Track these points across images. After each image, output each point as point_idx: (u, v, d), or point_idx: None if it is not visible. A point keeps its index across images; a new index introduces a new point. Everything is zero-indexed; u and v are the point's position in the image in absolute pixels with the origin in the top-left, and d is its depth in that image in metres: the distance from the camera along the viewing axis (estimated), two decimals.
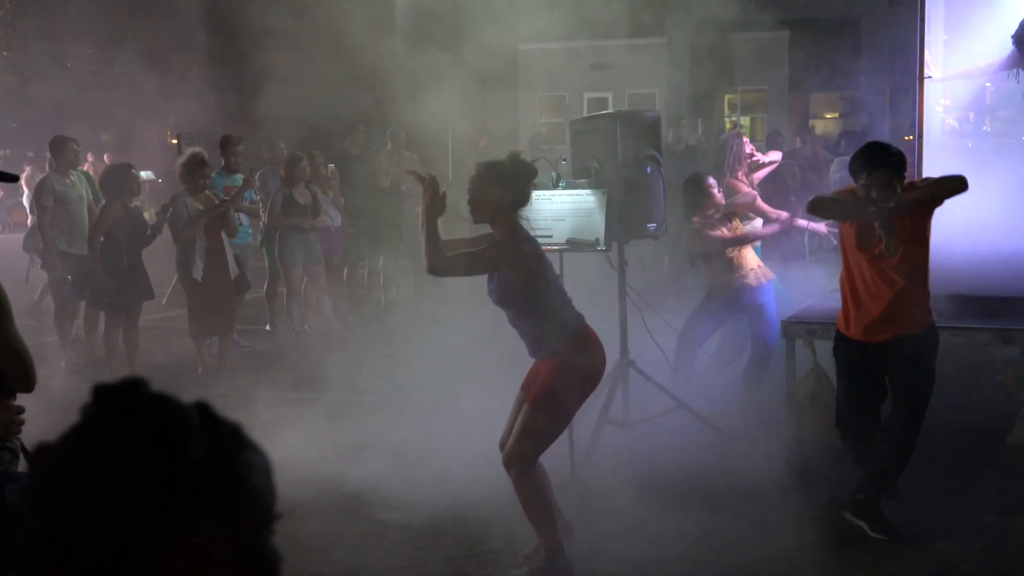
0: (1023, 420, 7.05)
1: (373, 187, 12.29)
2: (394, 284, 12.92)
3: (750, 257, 7.98)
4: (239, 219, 10.30)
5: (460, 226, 7.47)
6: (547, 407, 4.93)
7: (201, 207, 9.25)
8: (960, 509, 6.07)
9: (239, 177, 11.04)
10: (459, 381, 7.92)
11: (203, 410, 1.39)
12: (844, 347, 5.67)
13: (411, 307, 11.83)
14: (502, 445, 5.15)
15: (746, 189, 8.21)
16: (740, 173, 8.33)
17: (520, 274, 4.93)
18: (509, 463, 4.99)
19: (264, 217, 11.31)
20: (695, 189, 7.94)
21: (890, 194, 5.22)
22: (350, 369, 8.69)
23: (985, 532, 5.70)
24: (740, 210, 7.97)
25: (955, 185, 5.42)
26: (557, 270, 6.97)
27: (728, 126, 29.47)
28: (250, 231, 11.69)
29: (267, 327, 11.66)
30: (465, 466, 6.29)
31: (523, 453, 4.95)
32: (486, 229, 5.16)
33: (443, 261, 4.91)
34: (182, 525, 1.31)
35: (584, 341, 5.00)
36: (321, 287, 11.50)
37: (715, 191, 7.90)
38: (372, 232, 12.33)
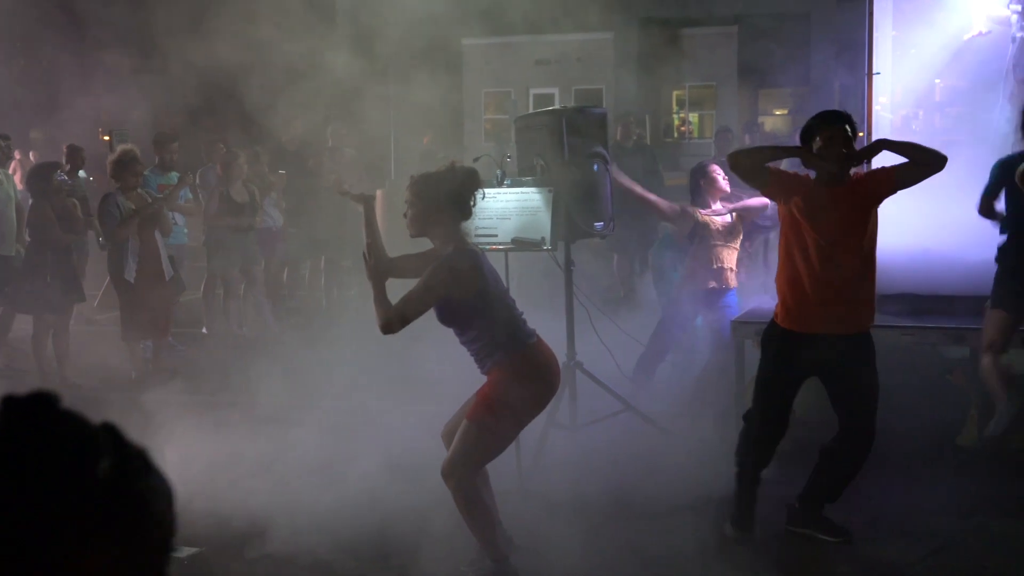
0: (973, 420, 6.99)
1: (314, 185, 12.04)
2: (336, 285, 12.68)
3: (733, 257, 7.88)
4: (174, 218, 10.04)
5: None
6: (483, 422, 4.76)
7: (134, 206, 8.96)
8: (912, 510, 6.06)
9: (174, 175, 10.78)
10: (391, 389, 7.72)
11: (110, 431, 1.35)
12: (779, 339, 5.40)
13: (353, 309, 11.60)
14: (446, 439, 5.05)
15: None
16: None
17: (459, 292, 4.73)
18: (446, 476, 4.85)
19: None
20: (699, 176, 7.89)
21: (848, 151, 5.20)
22: (284, 376, 8.42)
23: (937, 533, 5.68)
24: (748, 214, 7.84)
25: (933, 157, 5.26)
26: (503, 269, 6.85)
27: (676, 122, 29.55)
28: (185, 231, 11.44)
29: (204, 330, 11.38)
30: (393, 479, 6.17)
31: (458, 466, 4.80)
32: None
33: (394, 317, 4.71)
34: (82, 546, 1.28)
35: (528, 358, 4.80)
36: (260, 289, 11.26)
37: (719, 178, 7.82)
38: (313, 232, 12.08)
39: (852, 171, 5.35)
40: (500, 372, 4.78)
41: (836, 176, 5.22)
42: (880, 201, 5.33)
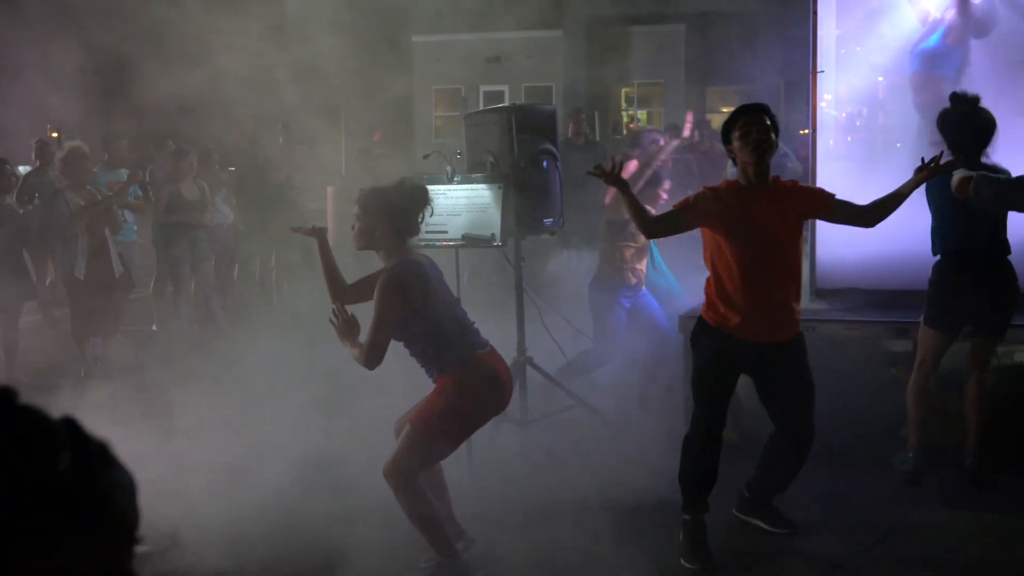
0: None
1: (265, 182, 12.01)
2: (287, 282, 12.65)
3: (646, 259, 7.91)
4: (124, 216, 9.98)
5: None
6: (423, 428, 4.81)
7: (83, 203, 8.91)
8: (855, 502, 6.14)
9: (123, 172, 10.71)
10: (341, 385, 7.70)
11: (70, 426, 1.33)
12: (708, 335, 5.30)
13: (303, 305, 11.57)
14: (397, 432, 5.07)
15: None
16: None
17: (403, 305, 4.77)
18: (387, 476, 4.88)
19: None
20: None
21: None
22: (232, 375, 8.37)
23: (880, 524, 5.76)
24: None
25: (878, 221, 5.46)
26: (453, 265, 6.89)
27: (625, 119, 29.67)
28: (135, 228, 11.36)
29: (154, 327, 11.31)
30: (343, 476, 6.18)
31: (399, 469, 4.83)
32: None
33: (369, 352, 4.73)
34: (45, 542, 1.26)
35: (473, 368, 4.81)
36: (210, 286, 11.21)
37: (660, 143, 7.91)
38: (264, 228, 12.04)
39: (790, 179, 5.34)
40: (445, 381, 4.82)
41: (755, 167, 5.12)
42: (807, 219, 5.34)
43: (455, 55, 30.00)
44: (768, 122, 5.13)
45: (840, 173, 7.86)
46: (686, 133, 8.14)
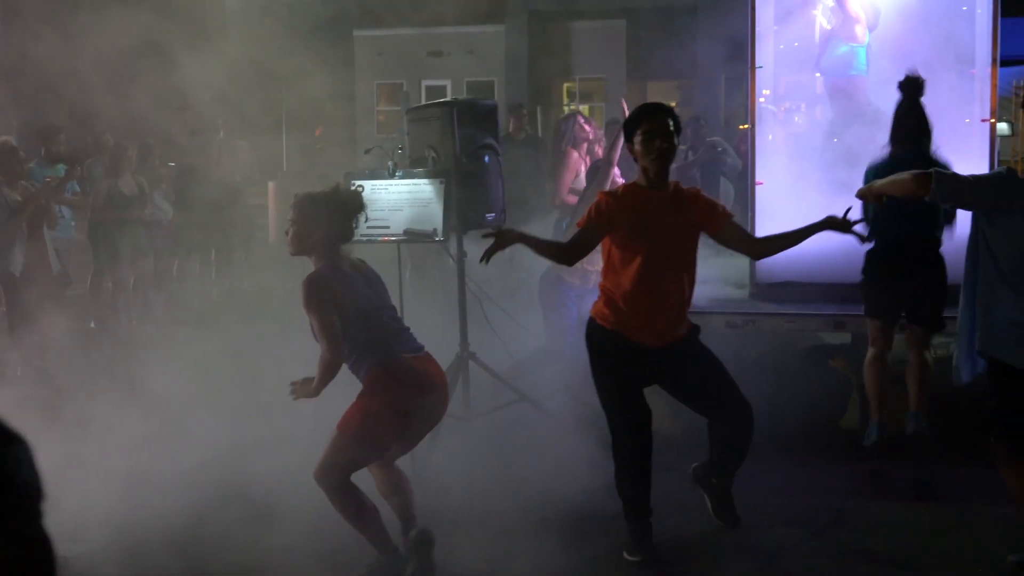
0: (855, 404, 7.19)
1: (205, 177, 11.90)
2: (227, 277, 12.55)
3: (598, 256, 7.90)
4: (60, 211, 9.85)
5: None
6: (345, 432, 4.81)
7: (20, 198, 8.77)
8: (797, 492, 6.21)
9: (61, 167, 10.57)
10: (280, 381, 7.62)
11: None
12: (613, 342, 5.18)
13: (243, 301, 11.51)
14: None
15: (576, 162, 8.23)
16: (579, 151, 8.35)
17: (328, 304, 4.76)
18: (317, 479, 4.89)
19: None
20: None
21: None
22: (168, 371, 8.26)
23: (821, 513, 5.82)
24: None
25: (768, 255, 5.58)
26: (395, 261, 6.88)
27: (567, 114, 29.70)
28: (72, 224, 11.22)
29: (92, 324, 11.17)
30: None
31: (327, 472, 4.85)
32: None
33: (328, 354, 4.70)
34: None
35: (395, 373, 4.78)
36: (149, 282, 11.09)
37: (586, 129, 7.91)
38: (204, 224, 11.94)
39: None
40: (367, 384, 4.83)
41: (656, 172, 5.11)
42: (701, 230, 5.25)
43: (397, 50, 29.93)
44: (671, 126, 5.10)
45: (779, 167, 7.94)
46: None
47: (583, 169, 8.61)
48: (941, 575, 5.10)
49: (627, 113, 7.58)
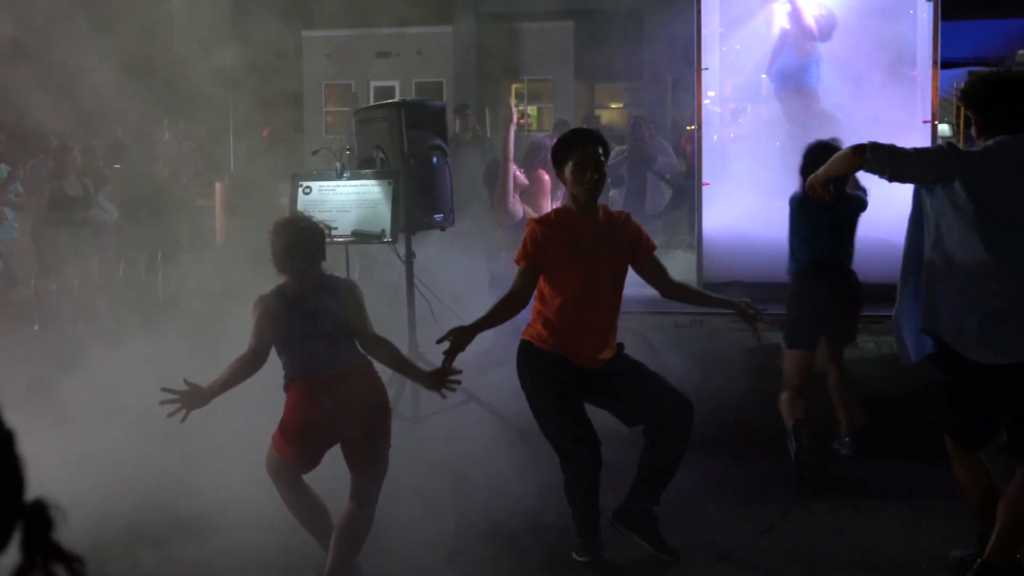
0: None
1: (151, 178, 11.81)
2: (173, 280, 12.44)
3: None
4: (4, 212, 9.74)
5: None
6: (273, 441, 4.91)
7: None
8: (742, 493, 6.23)
9: (3, 168, 10.44)
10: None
11: None
12: (553, 363, 5.10)
13: (190, 303, 11.39)
14: None
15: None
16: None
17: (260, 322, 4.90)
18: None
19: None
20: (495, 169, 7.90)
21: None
22: (114, 373, 8.17)
23: (767, 514, 5.83)
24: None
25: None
26: (343, 262, 6.86)
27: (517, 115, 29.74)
28: (15, 225, 11.09)
29: (36, 327, 11.04)
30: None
31: (268, 468, 4.96)
32: None
33: (250, 353, 4.84)
34: None
35: (303, 388, 4.81)
36: (94, 284, 10.99)
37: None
38: (150, 226, 11.83)
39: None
40: (287, 397, 4.90)
41: (587, 203, 5.08)
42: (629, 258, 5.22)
43: (345, 50, 29.84)
44: (602, 155, 5.08)
45: (725, 167, 8.02)
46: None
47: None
48: (887, 573, 5.14)
49: (515, 111, 7.62)
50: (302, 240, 4.95)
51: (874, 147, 4.55)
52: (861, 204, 6.54)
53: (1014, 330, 4.41)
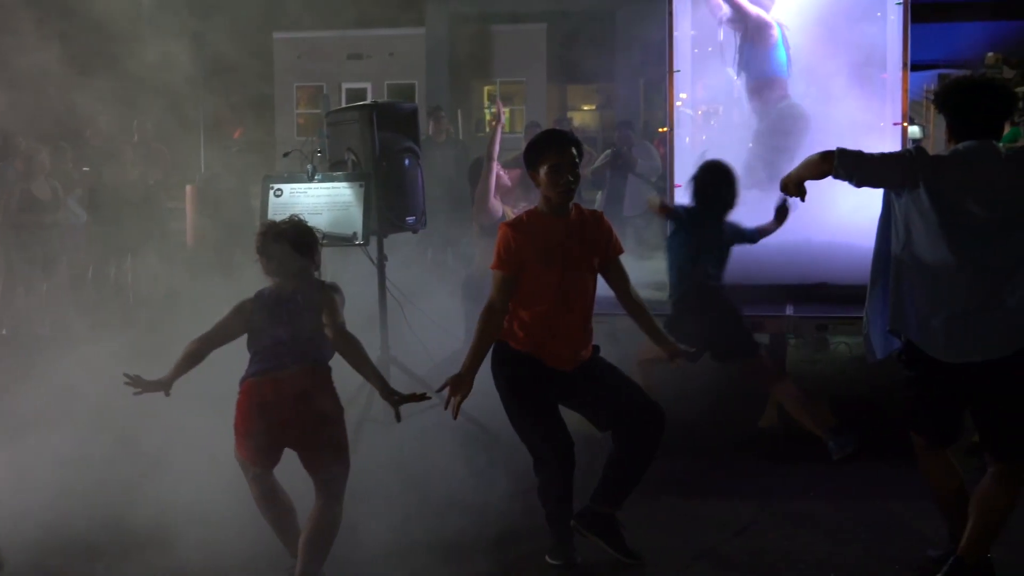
0: (773, 403, 7.27)
1: (120, 180, 11.72)
2: (142, 283, 12.35)
3: None
4: None
5: None
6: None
7: None
8: (716, 493, 6.24)
9: None
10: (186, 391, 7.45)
11: None
12: (528, 365, 5.10)
13: (160, 307, 11.32)
14: None
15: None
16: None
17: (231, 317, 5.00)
18: None
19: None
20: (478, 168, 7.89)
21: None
22: (79, 378, 8.08)
23: (741, 515, 5.86)
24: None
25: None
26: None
27: (488, 117, 29.80)
28: None
29: (3, 331, 10.94)
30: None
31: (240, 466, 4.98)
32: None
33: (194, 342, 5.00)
34: None
35: (250, 387, 4.84)
36: (64, 287, 10.90)
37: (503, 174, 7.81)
38: (120, 228, 11.74)
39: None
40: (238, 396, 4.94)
41: (560, 205, 5.07)
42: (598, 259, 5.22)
43: (317, 52, 29.79)
44: (576, 157, 5.07)
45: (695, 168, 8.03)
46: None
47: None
48: (861, 573, 5.16)
49: (502, 111, 7.60)
50: (288, 244, 4.94)
51: (841, 153, 4.59)
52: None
53: (978, 330, 4.47)
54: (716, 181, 6.73)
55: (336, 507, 4.86)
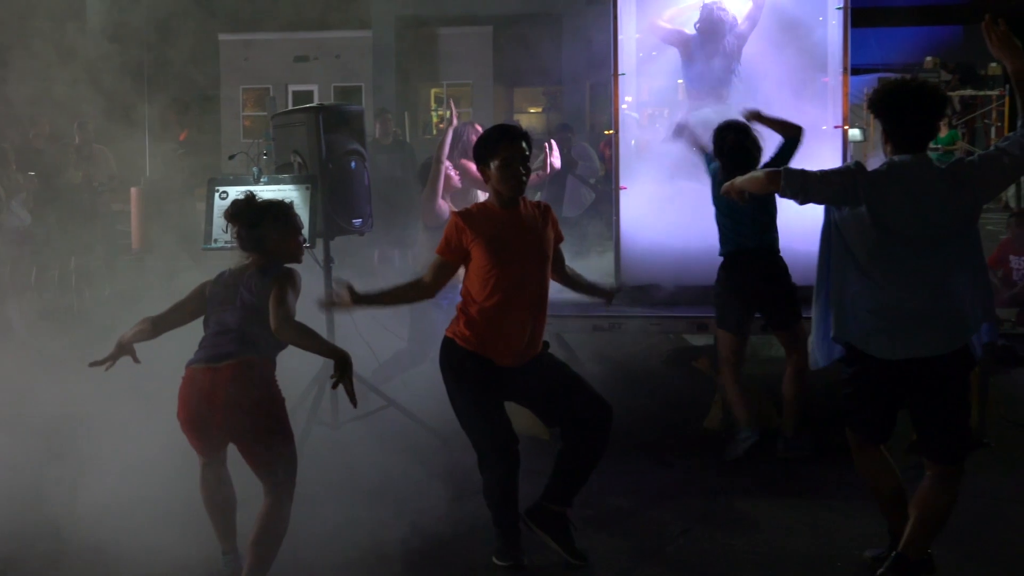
0: (718, 404, 7.35)
1: (63, 183, 11.61)
2: (87, 287, 12.23)
3: None
4: None
5: None
6: None
7: None
8: (662, 493, 6.28)
9: None
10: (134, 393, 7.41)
11: None
12: (472, 361, 5.10)
13: (105, 311, 11.21)
14: None
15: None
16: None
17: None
18: None
19: None
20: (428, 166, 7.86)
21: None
22: (20, 384, 7.99)
23: (686, 514, 5.91)
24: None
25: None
26: None
27: (435, 119, 29.80)
28: None
29: None
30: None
31: None
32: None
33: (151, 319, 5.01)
34: None
35: (187, 376, 4.82)
36: (6, 292, 10.76)
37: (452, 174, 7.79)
38: (63, 231, 11.63)
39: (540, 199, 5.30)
40: None
41: (511, 196, 5.09)
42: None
43: (263, 54, 29.64)
44: (526, 151, 5.12)
45: (642, 172, 8.10)
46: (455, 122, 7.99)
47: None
48: (804, 572, 5.21)
49: (456, 113, 7.61)
50: (255, 221, 4.90)
51: (787, 174, 4.72)
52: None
53: (921, 328, 4.59)
54: (736, 138, 6.65)
55: (282, 509, 4.81)
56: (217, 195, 6.80)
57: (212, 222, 6.68)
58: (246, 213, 4.91)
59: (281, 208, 4.98)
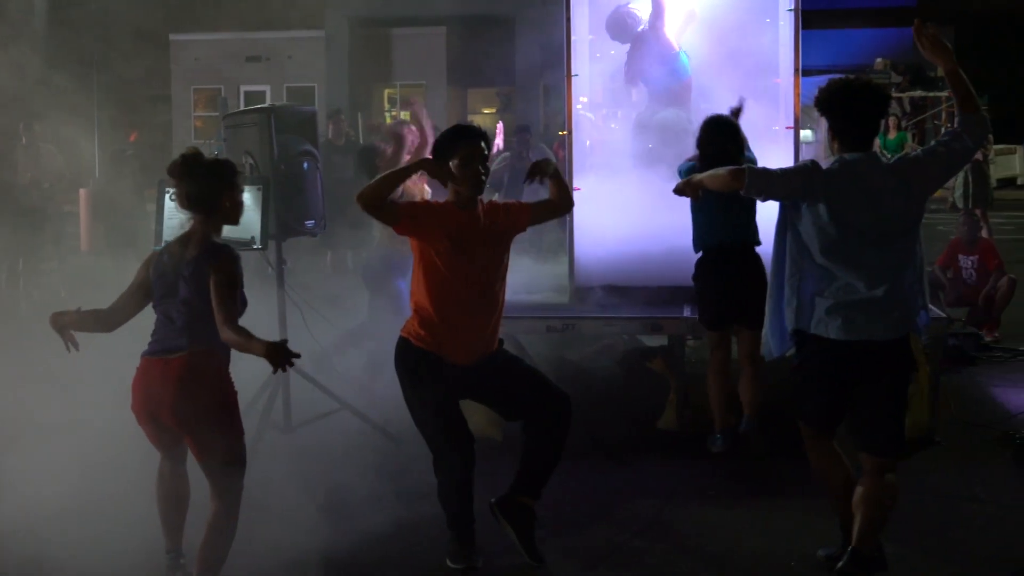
0: (672, 405, 7.36)
1: (10, 183, 11.47)
2: (37, 288, 12.08)
3: None
4: None
5: None
6: None
7: None
8: (617, 493, 6.29)
9: None
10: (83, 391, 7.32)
11: None
12: (427, 361, 5.09)
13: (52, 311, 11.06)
14: None
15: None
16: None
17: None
18: None
19: None
20: (370, 155, 7.84)
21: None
22: None
23: (641, 514, 5.92)
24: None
25: (569, 200, 5.52)
26: None
27: (388, 120, 29.74)
28: None
29: None
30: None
31: None
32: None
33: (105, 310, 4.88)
34: None
35: (139, 369, 4.78)
36: None
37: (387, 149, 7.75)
38: (11, 233, 11.48)
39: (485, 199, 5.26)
40: None
41: (470, 196, 5.11)
42: (515, 235, 5.30)
43: (215, 54, 29.43)
44: (485, 149, 5.15)
45: (596, 172, 8.10)
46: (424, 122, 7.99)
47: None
48: (757, 572, 5.24)
49: (425, 114, 7.60)
50: (198, 174, 4.73)
51: (751, 172, 4.87)
52: None
53: (875, 314, 4.69)
54: (718, 136, 6.62)
55: (229, 503, 4.73)
56: (168, 196, 6.72)
57: (163, 223, 6.61)
58: (191, 167, 4.75)
59: (225, 164, 4.87)
